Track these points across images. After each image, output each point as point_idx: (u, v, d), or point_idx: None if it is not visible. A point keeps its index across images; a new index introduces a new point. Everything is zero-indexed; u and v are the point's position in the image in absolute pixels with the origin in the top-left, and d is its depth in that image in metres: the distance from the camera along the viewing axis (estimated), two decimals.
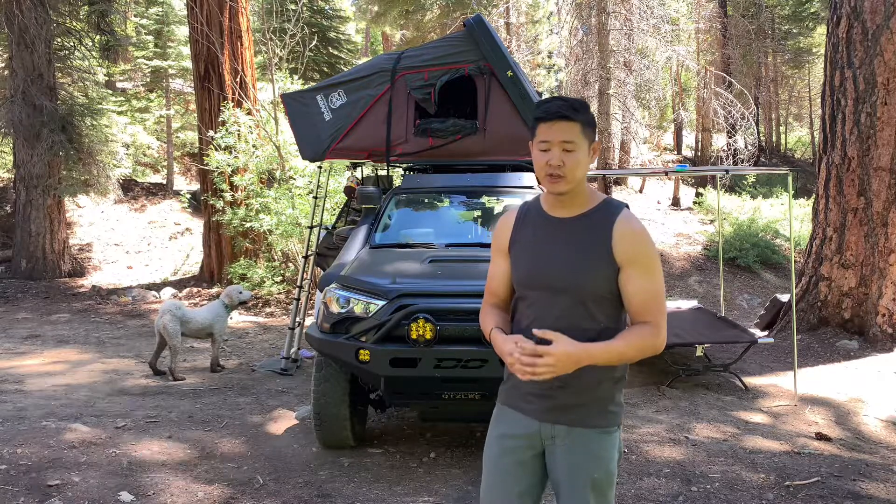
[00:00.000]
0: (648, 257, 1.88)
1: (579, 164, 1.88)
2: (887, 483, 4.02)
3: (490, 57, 5.56)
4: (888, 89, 7.51)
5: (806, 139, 28.83)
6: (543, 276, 1.92)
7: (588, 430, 1.91)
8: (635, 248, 1.87)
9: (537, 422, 1.94)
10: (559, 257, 1.91)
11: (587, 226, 1.92)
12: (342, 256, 4.94)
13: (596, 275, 1.88)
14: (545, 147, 1.89)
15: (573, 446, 1.91)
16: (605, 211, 1.93)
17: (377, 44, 33.68)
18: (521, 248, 2.00)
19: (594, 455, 1.91)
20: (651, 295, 1.87)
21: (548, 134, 1.88)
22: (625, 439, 4.69)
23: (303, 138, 6.06)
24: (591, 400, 1.92)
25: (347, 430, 4.36)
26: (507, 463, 1.97)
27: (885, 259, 7.58)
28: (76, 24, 13.54)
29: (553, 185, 1.90)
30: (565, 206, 1.96)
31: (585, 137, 1.89)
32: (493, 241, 2.10)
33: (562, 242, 1.93)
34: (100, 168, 13.35)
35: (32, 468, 3.89)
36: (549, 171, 1.88)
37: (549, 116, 1.88)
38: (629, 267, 1.87)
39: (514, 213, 2.07)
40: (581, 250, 1.90)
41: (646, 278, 1.87)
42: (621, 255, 1.87)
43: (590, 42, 15.70)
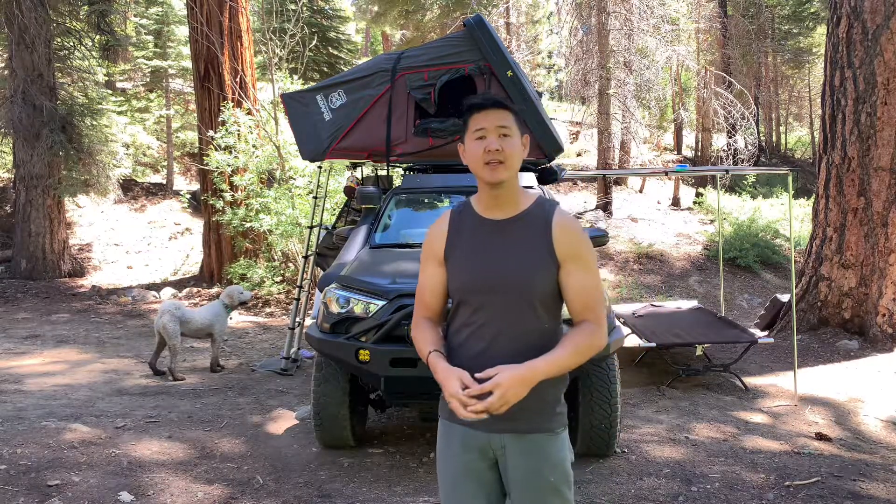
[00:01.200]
0: (587, 253, 1.89)
1: (517, 152, 1.87)
2: (887, 483, 4.02)
3: (490, 57, 5.56)
4: (888, 89, 7.50)
5: (806, 139, 28.83)
6: (490, 279, 1.87)
7: (537, 435, 1.88)
8: (574, 245, 1.87)
9: (486, 433, 1.88)
10: (504, 259, 1.87)
11: (526, 226, 1.89)
12: (342, 256, 4.94)
13: (541, 274, 1.85)
14: (481, 134, 1.85)
15: (525, 453, 1.88)
16: (541, 210, 1.92)
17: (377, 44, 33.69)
18: (462, 254, 1.92)
19: (547, 459, 1.88)
20: (591, 291, 1.87)
21: (483, 121, 1.85)
22: (625, 439, 4.70)
23: (303, 138, 6.05)
24: (537, 404, 1.86)
25: (347, 430, 4.36)
26: (466, 483, 1.93)
27: (885, 259, 7.58)
28: (76, 24, 13.54)
29: (493, 173, 1.84)
30: (501, 207, 1.92)
31: (518, 128, 1.89)
32: (424, 250, 2.01)
33: (504, 244, 1.89)
34: (100, 168, 13.34)
35: (32, 468, 3.89)
36: (488, 158, 1.83)
37: (484, 104, 1.87)
38: (569, 263, 1.86)
39: (447, 220, 1.98)
40: (525, 250, 1.87)
41: (585, 274, 1.86)
42: (562, 252, 1.86)
43: (590, 42, 15.70)
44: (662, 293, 11.66)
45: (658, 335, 6.45)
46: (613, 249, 13.37)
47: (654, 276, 12.59)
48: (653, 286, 12.06)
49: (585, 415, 4.16)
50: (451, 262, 1.94)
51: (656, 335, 6.45)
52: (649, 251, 13.41)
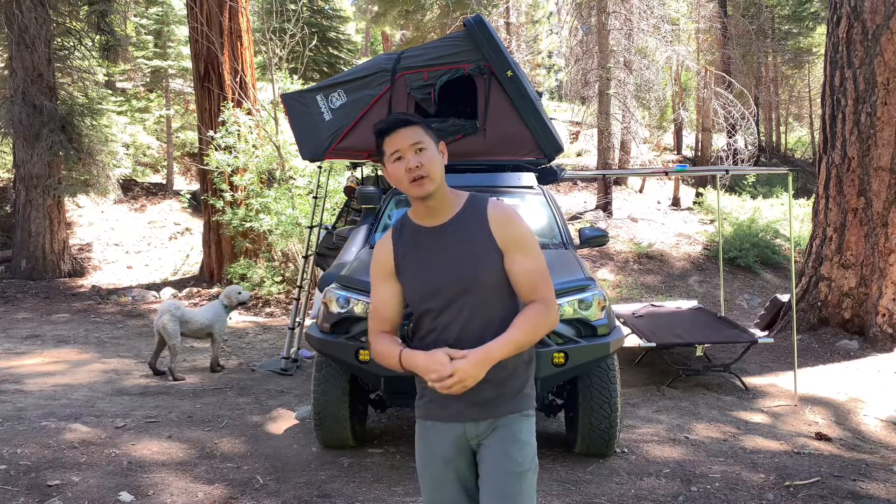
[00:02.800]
0: (526, 237, 1.96)
1: (435, 161, 1.94)
2: (887, 483, 4.02)
3: (490, 57, 5.56)
4: (888, 89, 7.50)
5: (806, 139, 28.82)
6: (445, 282, 1.95)
7: (510, 416, 1.96)
8: (512, 231, 1.95)
9: (461, 423, 1.96)
10: (453, 260, 1.95)
11: (465, 225, 1.97)
12: (342, 256, 4.94)
13: (490, 266, 1.94)
14: (398, 155, 1.92)
15: (499, 435, 1.95)
16: (474, 205, 2.00)
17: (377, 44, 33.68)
18: (412, 266, 2.00)
19: (517, 439, 1.96)
20: (536, 273, 1.95)
21: (395, 143, 1.92)
22: (625, 439, 4.70)
23: (303, 138, 6.05)
24: (512, 387, 1.97)
25: (347, 430, 4.36)
26: (448, 482, 2.00)
27: (885, 259, 7.58)
28: (76, 24, 13.54)
29: (420, 188, 1.92)
30: (437, 214, 1.99)
31: (431, 138, 1.96)
32: (373, 268, 2.08)
33: (449, 246, 1.96)
34: (100, 168, 13.34)
35: (32, 468, 3.89)
36: (412, 176, 1.90)
37: (391, 126, 1.94)
38: (511, 250, 1.94)
39: (390, 238, 2.06)
40: (470, 248, 1.94)
41: (526, 258, 1.94)
42: (502, 239, 1.94)
43: (590, 42, 15.70)
44: (662, 293, 11.66)
45: (658, 335, 6.45)
46: (613, 249, 13.37)
47: (654, 276, 12.60)
48: (653, 286, 12.06)
49: (585, 415, 4.16)
50: (405, 275, 2.02)
51: (656, 335, 6.45)
52: (649, 251, 13.41)
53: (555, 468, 4.17)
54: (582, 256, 4.97)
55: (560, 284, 3.73)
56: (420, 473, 2.06)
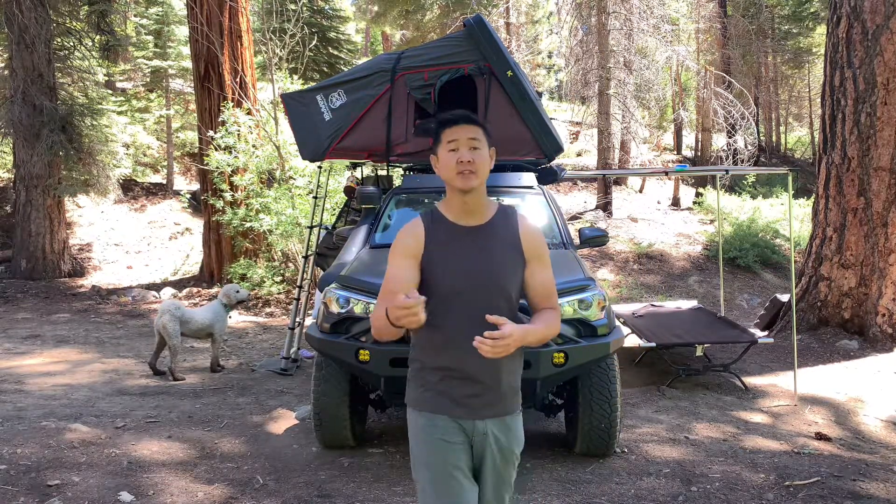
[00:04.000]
0: (546, 252, 2.17)
1: (486, 163, 2.08)
2: (887, 483, 4.02)
3: (490, 57, 5.56)
4: (888, 89, 7.50)
5: (806, 139, 28.81)
6: (476, 280, 2.05)
7: (509, 416, 2.14)
8: (538, 245, 2.14)
9: (472, 421, 2.09)
10: (485, 261, 2.07)
11: (497, 231, 2.12)
12: (342, 256, 4.94)
13: (516, 272, 2.10)
14: (454, 146, 2.05)
15: (503, 433, 2.12)
16: (506, 215, 2.16)
17: (377, 44, 33.69)
18: (441, 258, 2.08)
19: (515, 435, 2.16)
20: (550, 284, 2.16)
21: (455, 134, 2.05)
22: (625, 439, 4.70)
23: (303, 138, 6.05)
24: (509, 388, 2.13)
25: (347, 430, 4.36)
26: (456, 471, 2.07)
27: (885, 259, 7.58)
28: (76, 24, 13.54)
29: (465, 181, 2.03)
30: (472, 215, 2.11)
31: (486, 141, 2.09)
32: (398, 246, 2.11)
33: (483, 248, 2.09)
34: (100, 168, 13.34)
35: (32, 468, 3.89)
36: (461, 169, 2.02)
37: (456, 120, 2.07)
38: (534, 262, 2.13)
39: (420, 223, 2.13)
40: (502, 253, 2.09)
41: (545, 270, 2.15)
42: (529, 251, 2.12)
43: (590, 42, 15.69)
44: (662, 293, 11.66)
45: (658, 335, 6.45)
46: (613, 249, 13.37)
47: (654, 276, 12.59)
48: (653, 286, 12.06)
49: (585, 415, 4.16)
50: (433, 266, 2.08)
51: (656, 335, 6.45)
52: (649, 251, 13.41)
53: (555, 468, 4.18)
54: (582, 256, 4.97)
55: (560, 284, 3.72)
56: (425, 464, 2.09)
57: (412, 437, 2.18)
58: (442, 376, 2.10)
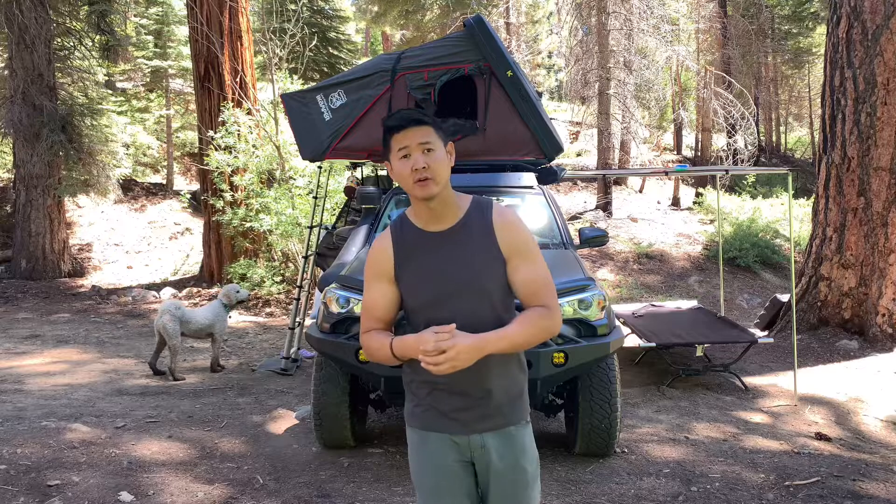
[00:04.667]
0: (530, 244, 1.94)
1: (442, 164, 1.88)
2: (887, 483, 4.02)
3: (490, 57, 5.56)
4: (888, 89, 7.50)
5: (806, 139, 28.82)
6: (449, 289, 1.91)
7: (511, 427, 1.96)
8: (517, 239, 1.92)
9: (466, 436, 1.94)
10: (459, 268, 1.91)
11: (469, 231, 1.93)
12: (342, 256, 4.94)
13: (494, 273, 1.92)
14: (405, 153, 1.87)
15: (504, 447, 1.94)
16: (478, 210, 1.96)
17: (377, 44, 33.69)
18: (415, 271, 1.95)
19: (522, 448, 1.96)
20: (540, 281, 1.92)
21: (405, 140, 1.87)
22: (625, 439, 4.69)
23: (303, 138, 6.05)
24: (509, 398, 1.96)
25: (347, 430, 4.36)
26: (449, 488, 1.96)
27: (885, 259, 7.58)
28: (76, 24, 13.54)
29: (424, 189, 1.87)
30: (440, 218, 1.94)
31: (440, 138, 1.91)
32: (370, 268, 2.04)
33: (454, 253, 1.93)
34: (100, 168, 13.35)
35: (32, 468, 3.89)
36: (417, 177, 1.86)
37: (402, 124, 1.88)
38: (514, 257, 1.92)
39: (388, 236, 2.01)
40: (475, 255, 1.92)
41: (530, 266, 1.92)
42: (506, 246, 1.91)
43: (590, 42, 15.69)
44: (662, 293, 11.66)
45: (658, 335, 6.45)
46: (613, 249, 13.37)
47: (654, 276, 12.59)
48: (653, 286, 12.06)
49: (585, 415, 4.16)
50: (405, 280, 1.97)
51: (656, 335, 6.45)
52: (649, 251, 13.41)
53: (555, 468, 4.17)
54: (582, 256, 4.97)
55: (560, 284, 3.73)
56: (418, 484, 2.01)
57: (409, 453, 2.09)
58: (429, 390, 1.97)
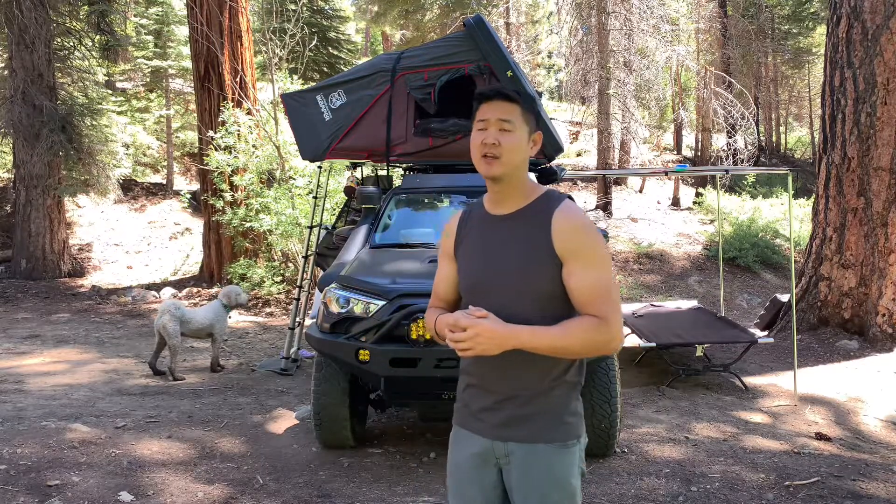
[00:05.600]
0: (591, 249, 1.75)
1: (516, 148, 1.77)
2: (887, 483, 4.02)
3: (490, 57, 5.56)
4: (888, 89, 7.50)
5: (806, 139, 28.82)
6: (488, 276, 1.81)
7: (543, 446, 1.76)
8: (575, 241, 1.74)
9: (490, 441, 1.81)
10: (501, 256, 1.80)
11: (527, 221, 1.80)
12: (342, 256, 4.94)
13: (538, 271, 1.76)
14: (482, 126, 1.78)
15: (528, 465, 1.77)
16: (545, 203, 1.81)
17: (377, 44, 33.69)
18: (466, 253, 1.88)
19: (551, 473, 1.76)
20: (596, 289, 1.72)
21: (486, 112, 1.78)
22: (625, 439, 4.69)
23: (303, 138, 6.06)
24: (543, 411, 1.77)
25: (347, 430, 4.36)
26: (468, 488, 1.87)
27: (885, 259, 7.58)
28: (76, 24, 13.53)
29: (487, 167, 1.77)
30: (503, 202, 1.84)
31: (525, 122, 1.81)
32: (440, 246, 2.01)
33: (503, 240, 1.81)
34: (100, 168, 13.34)
35: (32, 468, 3.89)
36: (484, 151, 1.76)
37: (490, 95, 1.80)
38: (571, 261, 1.74)
39: (457, 217, 1.96)
40: (524, 249, 1.78)
41: (589, 272, 1.73)
42: (562, 248, 1.74)
43: (590, 42, 15.69)
44: (662, 293, 11.66)
45: (658, 335, 6.45)
46: (613, 249, 13.37)
47: (654, 276, 12.59)
48: (653, 286, 12.06)
49: (585, 415, 4.14)
50: (458, 259, 1.91)
51: (656, 335, 6.45)
52: (649, 251, 13.41)
53: None
54: None
55: None
56: (447, 478, 1.96)
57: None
58: (465, 385, 1.88)
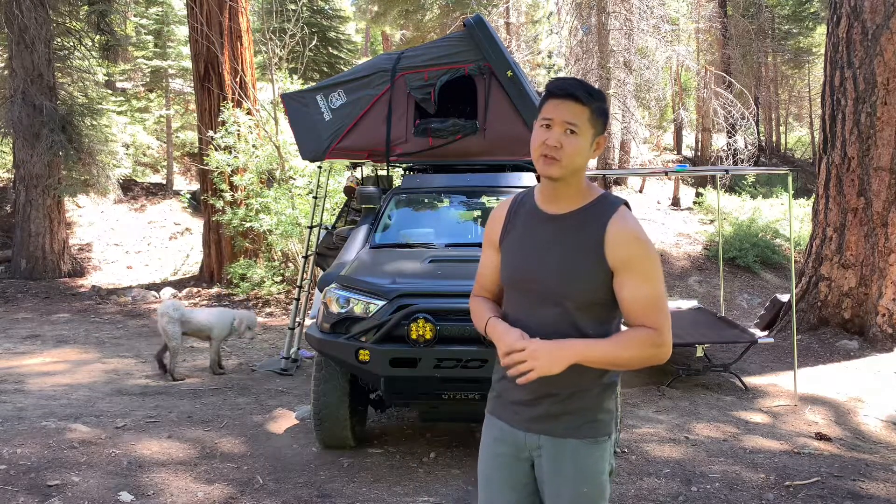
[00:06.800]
0: (646, 261, 1.70)
1: (579, 152, 1.72)
2: (887, 483, 4.02)
3: (490, 57, 5.56)
4: (888, 89, 7.50)
5: (806, 139, 28.83)
6: (529, 279, 1.79)
7: (575, 441, 1.78)
8: (630, 252, 1.70)
9: (522, 432, 1.82)
10: (547, 259, 1.76)
11: (579, 225, 1.75)
12: (342, 256, 4.94)
13: (583, 278, 1.73)
14: (546, 124, 1.73)
15: (559, 459, 1.79)
16: (600, 208, 1.76)
17: (377, 44, 33.69)
18: (510, 245, 1.86)
19: (582, 468, 1.78)
20: (650, 301, 1.69)
21: (553, 111, 1.72)
22: (625, 439, 4.69)
23: (303, 138, 6.06)
24: (579, 408, 1.78)
25: (347, 430, 4.36)
26: (497, 476, 1.89)
27: (885, 259, 7.58)
28: (76, 24, 13.54)
29: (545, 168, 1.73)
30: (558, 201, 1.79)
31: (592, 126, 1.73)
32: (485, 233, 1.98)
33: (551, 242, 1.77)
34: (100, 168, 13.35)
35: (32, 468, 3.89)
36: (545, 151, 1.72)
37: (560, 93, 1.72)
38: (624, 272, 1.70)
39: (507, 205, 1.93)
40: (571, 253, 1.74)
41: (643, 284, 1.69)
42: (615, 258, 1.70)
43: (590, 42, 15.70)
44: None
45: None
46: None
47: None
48: None
49: None
50: (504, 251, 1.88)
51: None
52: None
53: None
54: None
55: None
56: (479, 465, 1.96)
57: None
58: (500, 376, 1.88)
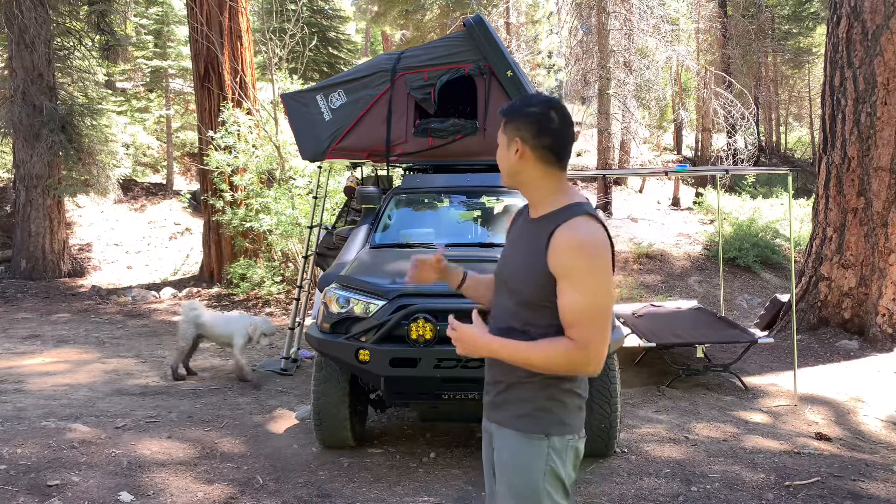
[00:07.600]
0: (581, 271, 1.74)
1: (501, 160, 1.95)
2: (887, 483, 4.02)
3: (490, 57, 5.56)
4: (888, 89, 7.50)
5: (806, 139, 28.82)
6: (498, 271, 2.00)
7: (511, 432, 1.88)
8: (567, 261, 1.76)
9: (486, 420, 2.01)
10: (512, 256, 1.96)
11: (539, 229, 1.85)
12: (342, 256, 4.94)
13: (531, 283, 1.82)
14: None
15: (500, 446, 1.92)
16: (560, 215, 1.83)
17: (377, 44, 33.70)
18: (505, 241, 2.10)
19: (514, 458, 1.86)
20: (578, 311, 1.74)
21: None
22: (625, 439, 4.69)
23: (302, 138, 6.06)
24: (517, 399, 1.88)
25: (347, 430, 4.36)
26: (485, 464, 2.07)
27: (885, 259, 7.58)
28: (76, 24, 13.54)
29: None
30: (534, 206, 1.94)
31: (505, 134, 1.93)
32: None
33: (518, 242, 1.96)
34: (100, 168, 13.35)
35: (32, 468, 3.89)
36: None
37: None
38: (561, 279, 1.77)
39: (519, 207, 2.14)
40: (524, 254, 1.87)
41: (574, 295, 1.74)
42: (555, 265, 1.78)
43: (590, 42, 15.70)
44: (662, 293, 11.65)
45: (658, 335, 6.45)
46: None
47: (654, 276, 12.59)
48: (653, 286, 12.06)
49: (586, 415, 4.15)
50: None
51: (656, 335, 6.45)
52: (649, 251, 13.41)
53: None
54: None
55: None
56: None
57: None
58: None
